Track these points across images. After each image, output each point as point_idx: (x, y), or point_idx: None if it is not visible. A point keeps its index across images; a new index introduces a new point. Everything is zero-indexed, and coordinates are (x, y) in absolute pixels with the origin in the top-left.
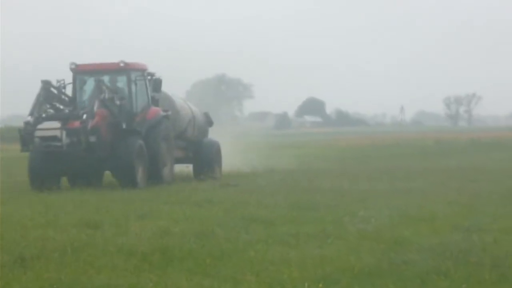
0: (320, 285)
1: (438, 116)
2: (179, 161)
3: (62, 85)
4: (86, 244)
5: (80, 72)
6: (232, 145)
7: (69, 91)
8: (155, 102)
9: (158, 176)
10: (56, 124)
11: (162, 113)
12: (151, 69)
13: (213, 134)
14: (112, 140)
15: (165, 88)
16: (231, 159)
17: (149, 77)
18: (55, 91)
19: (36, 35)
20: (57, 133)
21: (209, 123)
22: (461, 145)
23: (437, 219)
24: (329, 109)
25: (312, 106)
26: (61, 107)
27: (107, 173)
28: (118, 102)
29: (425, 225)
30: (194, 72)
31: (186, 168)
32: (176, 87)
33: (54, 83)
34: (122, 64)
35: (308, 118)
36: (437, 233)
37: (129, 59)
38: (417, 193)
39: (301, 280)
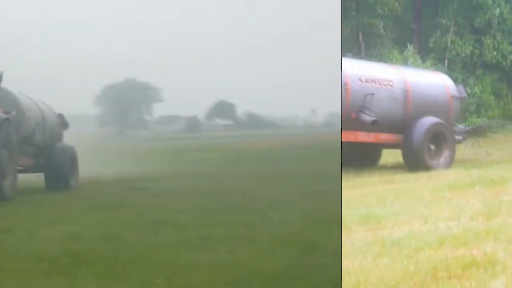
0: None
1: None
2: (27, 170)
3: None
4: None
5: None
6: (141, 149)
7: None
8: None
9: None
10: None
11: (2, 116)
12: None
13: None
14: None
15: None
16: (140, 163)
17: None
18: None
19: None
20: None
21: (64, 125)
22: None
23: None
24: (240, 112)
25: (223, 109)
26: None
27: None
28: None
29: (336, 228)
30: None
31: (37, 178)
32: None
33: None
34: None
35: (219, 121)
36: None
37: None
38: (329, 195)
39: (212, 284)
